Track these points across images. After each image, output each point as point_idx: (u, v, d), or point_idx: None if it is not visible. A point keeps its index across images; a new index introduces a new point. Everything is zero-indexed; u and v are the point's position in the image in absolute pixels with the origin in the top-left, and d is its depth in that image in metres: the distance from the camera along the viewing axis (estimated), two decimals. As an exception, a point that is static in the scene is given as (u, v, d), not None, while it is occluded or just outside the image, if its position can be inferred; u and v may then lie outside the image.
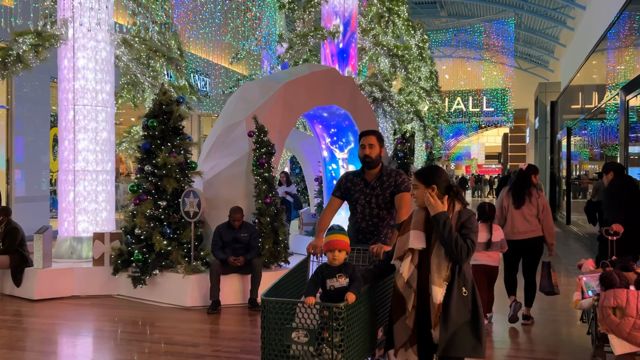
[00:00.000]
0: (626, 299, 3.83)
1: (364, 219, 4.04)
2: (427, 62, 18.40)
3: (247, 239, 6.69)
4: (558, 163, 19.42)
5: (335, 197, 4.15)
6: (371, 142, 4.06)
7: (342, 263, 3.12)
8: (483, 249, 5.56)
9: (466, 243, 2.80)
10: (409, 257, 2.88)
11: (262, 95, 7.87)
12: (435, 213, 2.85)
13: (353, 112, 9.07)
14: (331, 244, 3.13)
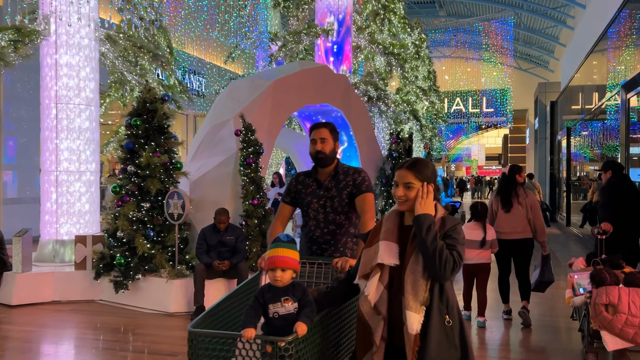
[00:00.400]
0: (618, 296, 3.91)
1: (318, 227, 3.44)
2: (425, 62, 18.14)
3: (233, 242, 6.44)
4: (558, 164, 19.15)
5: (285, 203, 3.55)
6: (323, 136, 3.45)
7: (288, 284, 2.48)
8: (477, 247, 5.68)
9: (452, 255, 2.22)
10: (377, 274, 2.29)
11: (250, 94, 7.62)
12: (420, 213, 2.27)
13: (346, 111, 8.82)
14: (273, 260, 2.46)
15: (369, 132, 9.29)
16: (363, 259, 2.39)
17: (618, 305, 3.76)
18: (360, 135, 9.08)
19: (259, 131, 7.32)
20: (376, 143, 9.43)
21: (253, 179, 6.78)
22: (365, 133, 9.22)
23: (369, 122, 9.32)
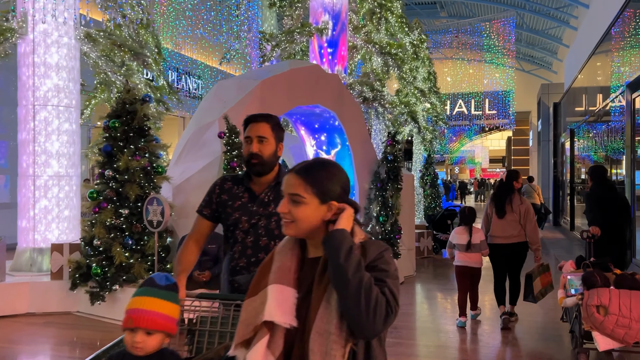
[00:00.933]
0: (609, 297, 4.01)
1: (244, 254, 2.63)
2: (425, 63, 17.76)
3: (215, 251, 6.08)
4: (561, 166, 18.74)
5: (203, 217, 2.72)
6: (261, 134, 2.61)
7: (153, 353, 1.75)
8: (464, 250, 5.99)
9: (384, 295, 1.52)
10: (264, 339, 1.54)
11: (237, 94, 7.26)
12: (336, 228, 1.56)
13: (339, 112, 8.45)
14: (133, 316, 1.72)
15: (364, 135, 8.93)
16: (243, 315, 1.61)
17: (609, 307, 3.82)
18: (354, 138, 8.72)
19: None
20: (371, 146, 9.06)
21: (237, 184, 6.42)
22: (360, 135, 8.85)
23: (364, 123, 8.95)
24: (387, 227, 8.54)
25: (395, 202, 8.57)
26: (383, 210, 8.56)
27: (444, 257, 12.03)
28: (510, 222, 5.94)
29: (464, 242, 5.99)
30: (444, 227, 12.52)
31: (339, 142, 8.84)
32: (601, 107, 13.17)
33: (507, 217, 5.95)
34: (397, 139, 8.64)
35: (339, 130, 8.70)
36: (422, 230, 11.71)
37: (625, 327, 3.94)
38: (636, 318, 3.92)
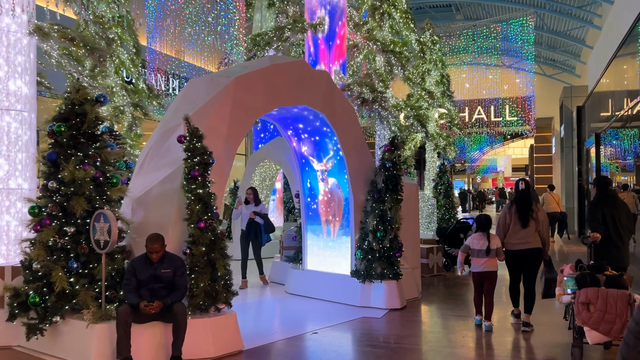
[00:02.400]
0: (596, 296, 4.34)
1: None
2: (437, 65, 16.72)
3: (170, 276, 5.15)
4: (587, 174, 17.43)
5: None
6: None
7: None
8: (483, 256, 6.35)
9: None
10: None
11: (208, 93, 6.36)
12: None
13: (330, 115, 7.49)
14: None
15: (358, 139, 7.94)
16: None
17: (597, 304, 4.10)
18: (347, 143, 7.74)
19: (216, 137, 6.04)
20: (367, 152, 8.07)
21: (200, 197, 5.48)
22: (354, 140, 7.87)
23: (358, 126, 7.97)
24: (385, 243, 7.51)
25: (394, 214, 7.54)
26: (381, 225, 7.54)
27: (458, 275, 10.92)
28: (529, 230, 6.35)
29: (483, 247, 6.36)
30: (456, 241, 11.40)
31: (331, 149, 7.87)
32: (629, 109, 11.97)
33: (529, 225, 6.37)
34: (397, 144, 7.62)
35: (330, 135, 7.73)
36: (432, 246, 10.62)
37: (611, 323, 4.32)
38: (620, 314, 4.30)
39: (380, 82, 10.15)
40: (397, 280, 7.55)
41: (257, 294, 8.67)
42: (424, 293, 8.76)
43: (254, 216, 8.52)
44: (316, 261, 8.41)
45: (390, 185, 7.57)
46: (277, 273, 9.57)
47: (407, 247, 8.30)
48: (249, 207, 8.68)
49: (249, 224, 8.59)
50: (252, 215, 8.53)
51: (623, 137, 13.81)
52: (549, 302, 7.02)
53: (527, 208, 6.39)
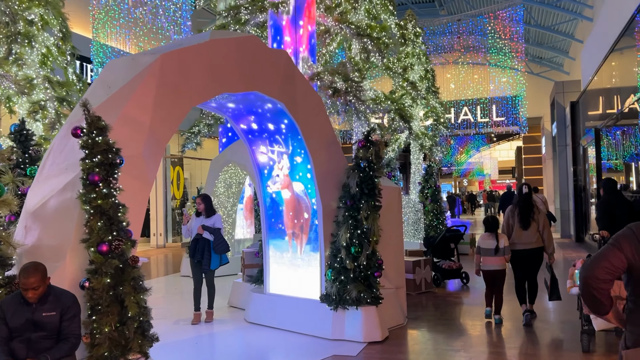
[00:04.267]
0: None
1: None
2: (421, 60, 15.43)
3: (55, 321, 3.70)
4: (584, 174, 16.21)
5: None
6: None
7: None
8: (492, 254, 6.79)
9: None
10: None
11: (127, 75, 4.93)
12: None
13: (290, 104, 6.10)
14: None
15: (327, 135, 6.54)
16: None
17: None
18: (313, 139, 6.34)
19: (135, 130, 4.64)
20: (338, 150, 6.68)
21: (101, 209, 4.03)
22: (322, 135, 6.48)
23: (326, 119, 6.58)
24: (361, 260, 6.11)
25: (372, 225, 6.16)
26: (355, 238, 6.14)
27: (450, 290, 9.56)
28: (531, 231, 6.78)
29: (492, 247, 6.81)
30: (447, 252, 10.05)
31: (290, 144, 6.47)
32: (631, 104, 10.76)
33: (530, 226, 6.78)
34: (372, 139, 6.24)
35: (291, 130, 6.34)
36: (419, 258, 9.24)
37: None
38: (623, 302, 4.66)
39: (356, 72, 8.80)
40: (376, 306, 6.15)
41: (209, 325, 7.20)
42: (411, 317, 7.37)
43: (202, 231, 7.02)
44: (280, 283, 6.99)
45: (366, 189, 6.19)
46: (238, 296, 8.12)
47: (388, 263, 6.91)
48: (198, 219, 7.18)
49: (194, 242, 7.08)
50: (200, 231, 7.03)
51: (623, 134, 12.62)
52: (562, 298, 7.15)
53: (529, 211, 6.84)
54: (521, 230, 6.78)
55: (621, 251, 2.39)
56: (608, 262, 2.39)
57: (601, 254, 2.42)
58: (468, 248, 14.65)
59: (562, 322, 7.06)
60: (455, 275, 9.84)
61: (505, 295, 7.17)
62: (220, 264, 7.14)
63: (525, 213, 6.80)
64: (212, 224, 7.07)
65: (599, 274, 2.37)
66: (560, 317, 7.34)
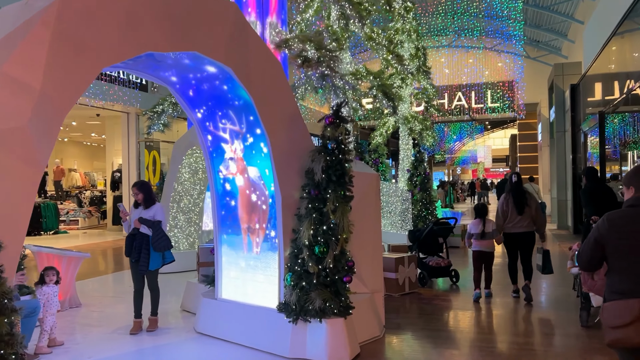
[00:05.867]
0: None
1: None
2: (412, 36, 14.25)
3: None
4: (584, 162, 15.15)
5: None
6: None
7: None
8: (479, 238, 7.62)
9: None
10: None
11: (14, 24, 3.77)
12: None
13: (240, 69, 4.95)
14: None
15: (288, 110, 5.39)
16: None
17: (600, 273, 3.90)
18: (271, 114, 5.20)
19: (18, 94, 3.51)
20: (303, 129, 5.53)
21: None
22: (282, 110, 5.33)
23: (288, 90, 5.41)
24: (327, 262, 5.01)
25: (340, 219, 5.04)
26: (321, 235, 5.03)
27: (437, 291, 8.51)
28: (524, 216, 7.33)
29: (479, 231, 7.56)
30: (434, 247, 8.96)
31: (244, 122, 5.32)
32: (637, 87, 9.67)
33: (524, 212, 7.31)
34: (344, 115, 5.10)
35: (243, 103, 5.18)
36: (402, 255, 8.16)
37: None
38: None
39: (334, 41, 7.64)
40: (345, 318, 5.06)
41: (152, 335, 6.09)
42: (390, 325, 6.29)
43: (139, 225, 5.88)
44: (234, 287, 5.88)
45: (334, 175, 5.06)
46: (192, 299, 7.02)
47: (364, 263, 5.82)
48: (137, 211, 6.03)
49: (130, 238, 5.95)
50: (137, 224, 5.88)
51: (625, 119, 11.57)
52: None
53: (521, 197, 7.40)
54: (516, 215, 7.35)
55: (596, 243, 3.11)
56: (589, 256, 3.18)
57: (585, 250, 3.20)
58: (459, 241, 13.61)
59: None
60: (443, 274, 8.78)
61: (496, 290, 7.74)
62: (164, 262, 6.01)
63: (519, 199, 7.37)
64: (151, 216, 5.93)
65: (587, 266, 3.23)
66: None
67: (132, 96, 16.20)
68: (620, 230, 3.03)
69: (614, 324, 2.94)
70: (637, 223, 3.00)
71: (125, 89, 15.75)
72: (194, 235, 10.56)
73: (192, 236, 10.53)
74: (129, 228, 6.05)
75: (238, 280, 5.83)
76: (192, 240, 10.52)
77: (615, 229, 3.04)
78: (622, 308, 2.92)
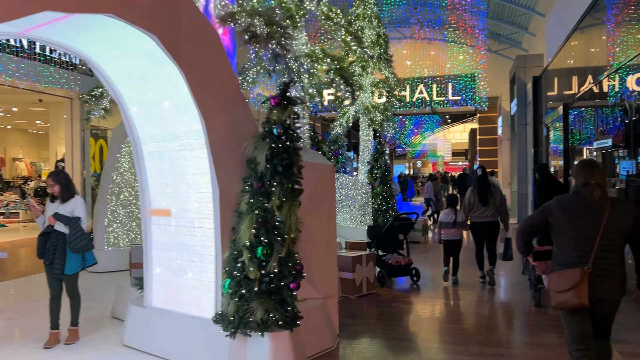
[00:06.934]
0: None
1: None
2: (373, 23, 13.63)
3: None
4: (546, 156, 14.90)
5: None
6: None
7: None
8: (450, 227, 8.17)
9: None
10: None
11: None
12: None
13: (168, 38, 4.17)
14: None
15: (228, 87, 4.64)
16: None
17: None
18: (206, 92, 4.45)
19: None
20: (246, 112, 4.80)
21: None
22: (220, 88, 4.58)
23: (227, 65, 4.66)
24: (271, 266, 4.31)
25: (287, 217, 4.35)
26: (264, 235, 4.32)
27: (397, 291, 7.95)
28: (488, 207, 8.00)
29: (451, 220, 8.16)
30: (394, 244, 8.38)
31: (176, 101, 4.55)
32: (603, 79, 9.32)
33: (489, 203, 8.00)
34: (291, 96, 4.40)
35: (175, 78, 4.41)
36: (360, 253, 7.53)
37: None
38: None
39: (287, 18, 6.90)
40: (291, 330, 4.38)
41: (70, 349, 5.27)
42: (345, 333, 5.65)
43: (54, 222, 5.04)
44: (165, 293, 5.12)
45: (280, 166, 4.36)
46: (123, 306, 6.19)
47: (316, 265, 5.16)
48: (53, 206, 5.18)
49: (43, 237, 5.10)
50: (52, 221, 5.04)
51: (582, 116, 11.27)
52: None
53: (486, 189, 8.01)
54: (481, 206, 7.99)
55: (542, 213, 3.63)
56: (532, 221, 3.71)
57: (530, 216, 3.78)
58: (420, 236, 13.14)
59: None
60: (404, 272, 8.22)
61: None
62: (83, 265, 5.19)
63: (483, 192, 8.00)
64: (69, 212, 5.09)
65: (526, 228, 3.72)
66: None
67: (70, 79, 14.97)
68: (565, 211, 3.54)
69: (558, 289, 3.50)
70: (577, 206, 3.53)
71: (62, 70, 14.54)
72: (136, 231, 9.68)
73: (133, 231, 9.65)
74: (43, 225, 5.20)
75: (171, 285, 5.07)
76: (134, 236, 9.64)
77: (562, 210, 3.55)
78: (565, 275, 3.47)
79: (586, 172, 3.57)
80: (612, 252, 3.43)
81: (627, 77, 8.55)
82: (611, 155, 9.83)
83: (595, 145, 10.62)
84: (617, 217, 3.44)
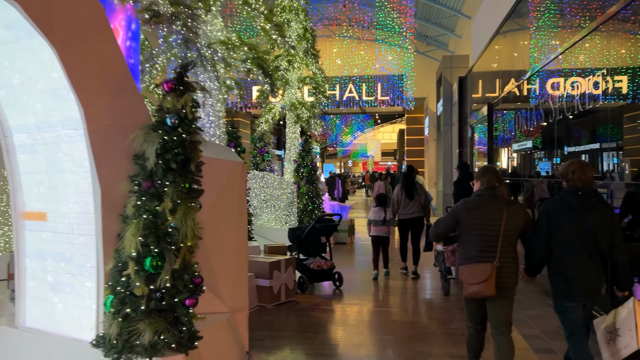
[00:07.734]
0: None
1: None
2: (299, 16, 13.13)
3: None
4: (470, 156, 14.99)
5: None
6: None
7: None
8: (380, 225, 8.57)
9: None
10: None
11: None
12: None
13: (34, 8, 3.43)
14: None
15: (112, 69, 3.95)
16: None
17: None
18: (86, 74, 3.74)
19: None
20: (136, 98, 4.12)
21: None
22: (102, 69, 3.88)
23: (112, 42, 3.97)
24: (162, 280, 3.66)
25: (183, 222, 3.72)
26: (153, 243, 3.67)
27: (318, 297, 7.47)
28: (414, 203, 8.50)
29: (380, 218, 8.57)
30: (316, 247, 7.90)
31: (51, 84, 3.81)
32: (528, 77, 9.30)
33: (414, 199, 8.49)
34: (189, 81, 3.79)
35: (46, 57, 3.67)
36: (279, 258, 6.98)
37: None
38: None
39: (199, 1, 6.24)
40: (185, 354, 3.75)
41: None
42: (257, 349, 5.08)
43: None
44: (41, 311, 4.35)
45: (174, 162, 3.72)
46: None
47: (223, 275, 4.56)
48: None
49: None
50: None
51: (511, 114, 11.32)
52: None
53: (411, 186, 8.54)
54: (407, 203, 8.45)
55: (453, 217, 4.08)
56: (445, 224, 4.17)
57: (442, 220, 4.21)
58: (346, 237, 12.78)
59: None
60: (325, 277, 7.76)
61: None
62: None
63: (409, 188, 8.51)
64: None
65: (440, 231, 4.24)
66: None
67: None
68: (470, 212, 4.00)
69: (470, 282, 3.93)
70: (480, 208, 3.97)
71: None
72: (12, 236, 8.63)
73: (9, 236, 8.61)
74: None
75: (47, 302, 4.30)
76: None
77: (468, 211, 4.01)
78: (477, 269, 3.89)
79: (490, 176, 4.01)
80: (509, 247, 3.96)
81: (547, 80, 8.56)
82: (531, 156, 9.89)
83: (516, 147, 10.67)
84: (512, 217, 3.95)
